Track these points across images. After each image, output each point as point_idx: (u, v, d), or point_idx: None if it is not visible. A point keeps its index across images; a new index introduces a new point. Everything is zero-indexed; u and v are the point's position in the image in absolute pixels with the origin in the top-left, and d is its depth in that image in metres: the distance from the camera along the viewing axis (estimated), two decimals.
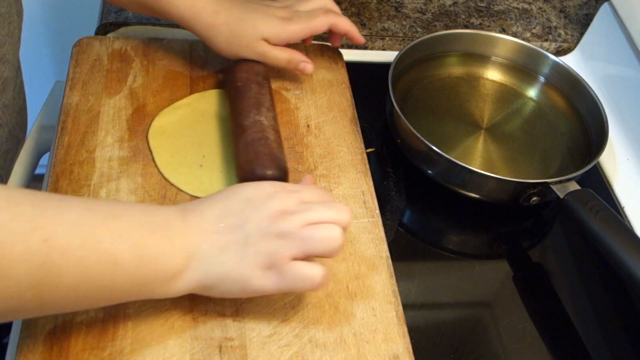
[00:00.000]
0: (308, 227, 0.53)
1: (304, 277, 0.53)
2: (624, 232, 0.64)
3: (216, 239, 0.52)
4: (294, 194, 0.55)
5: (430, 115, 0.80)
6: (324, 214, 0.54)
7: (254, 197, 0.54)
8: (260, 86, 0.71)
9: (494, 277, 0.71)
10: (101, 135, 0.69)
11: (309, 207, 0.54)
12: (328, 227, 0.53)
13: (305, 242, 0.52)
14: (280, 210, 0.53)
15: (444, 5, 0.98)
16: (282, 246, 0.52)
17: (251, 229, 0.52)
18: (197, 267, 0.51)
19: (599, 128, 0.77)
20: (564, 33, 0.98)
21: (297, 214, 0.53)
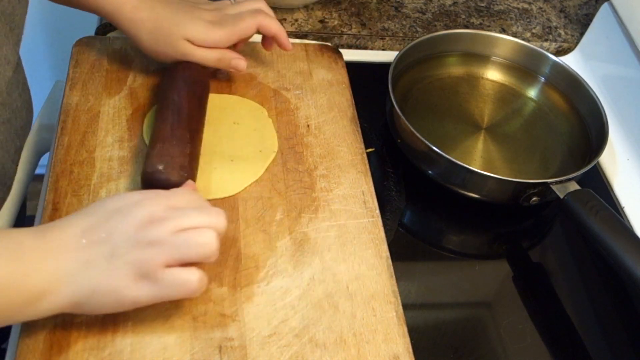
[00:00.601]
0: (179, 233, 0.51)
1: (179, 283, 0.51)
2: (624, 232, 0.64)
3: (79, 255, 0.50)
4: (162, 199, 0.53)
5: (430, 115, 0.80)
6: (195, 219, 0.52)
7: (119, 207, 0.52)
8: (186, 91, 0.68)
9: (494, 277, 0.71)
10: (101, 135, 0.69)
11: (179, 212, 0.52)
12: (201, 232, 0.52)
13: (177, 249, 0.51)
14: (147, 217, 0.51)
15: (444, 5, 0.98)
16: (152, 254, 0.50)
17: (118, 240, 0.51)
18: (63, 287, 0.50)
19: (599, 128, 0.77)
20: (564, 33, 0.98)
21: (167, 220, 0.51)
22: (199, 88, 0.70)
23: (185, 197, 0.55)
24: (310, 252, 0.62)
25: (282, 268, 0.61)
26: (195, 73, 0.70)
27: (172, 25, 0.69)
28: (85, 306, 0.51)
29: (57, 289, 0.50)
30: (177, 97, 0.67)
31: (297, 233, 0.64)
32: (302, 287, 0.60)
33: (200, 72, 0.71)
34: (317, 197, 0.67)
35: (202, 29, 0.69)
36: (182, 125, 0.64)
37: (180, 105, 0.66)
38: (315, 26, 0.90)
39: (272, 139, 0.71)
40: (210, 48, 0.70)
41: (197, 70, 0.70)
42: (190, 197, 0.56)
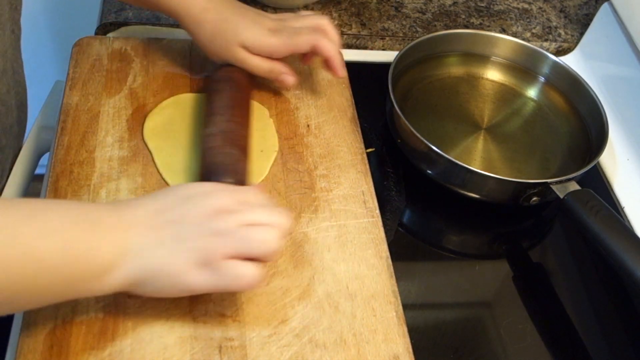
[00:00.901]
0: (245, 228, 0.52)
1: (236, 275, 0.52)
2: (624, 232, 0.64)
3: (151, 233, 0.51)
4: (235, 194, 0.55)
5: (430, 115, 0.80)
6: (263, 216, 0.53)
7: (193, 194, 0.54)
8: (236, 91, 0.70)
9: (494, 277, 0.71)
10: (101, 135, 0.69)
11: (248, 208, 0.54)
12: (265, 230, 0.53)
13: (241, 242, 0.52)
14: (218, 208, 0.53)
15: (444, 5, 0.98)
16: (217, 244, 0.51)
17: (188, 225, 0.52)
18: (129, 262, 0.50)
19: (599, 128, 0.77)
20: (564, 33, 0.98)
21: (236, 214, 0.53)
22: (244, 90, 0.71)
23: (255, 195, 0.56)
24: (310, 252, 0.62)
25: (282, 268, 0.61)
26: (238, 75, 0.71)
27: (232, 29, 0.69)
28: (143, 286, 0.52)
29: (124, 263, 0.50)
30: (226, 100, 0.68)
31: (297, 233, 0.64)
32: (302, 287, 0.60)
33: (242, 75, 0.72)
34: (317, 197, 0.67)
35: (259, 34, 0.70)
36: (237, 130, 0.66)
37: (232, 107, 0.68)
38: None
39: (273, 139, 0.71)
40: (264, 57, 0.71)
41: (239, 73, 0.71)
42: (259, 196, 0.57)
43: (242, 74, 0.72)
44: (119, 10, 0.87)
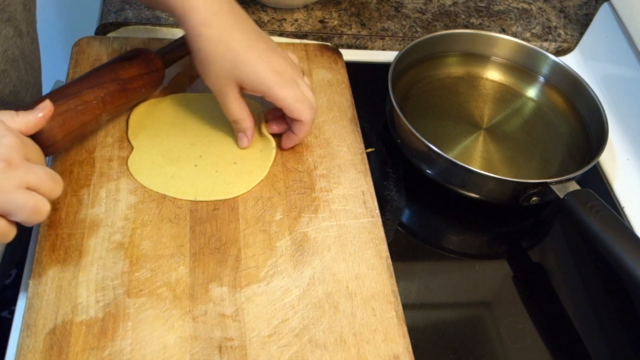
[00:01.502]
0: (22, 192, 0.51)
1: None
2: (624, 232, 0.64)
3: None
4: (20, 146, 0.52)
5: (430, 115, 0.80)
6: (44, 182, 0.52)
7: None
8: None
9: (494, 277, 0.71)
10: (101, 135, 0.69)
11: (31, 168, 0.52)
12: (40, 201, 0.52)
13: (14, 206, 0.51)
14: (2, 159, 0.50)
15: (444, 5, 0.98)
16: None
17: None
18: None
19: (599, 128, 0.77)
20: (564, 33, 0.98)
21: (19, 172, 0.51)
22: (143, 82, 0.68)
23: (39, 153, 0.55)
24: (310, 252, 0.62)
25: (282, 268, 0.61)
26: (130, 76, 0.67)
27: (235, 62, 0.63)
28: None
29: None
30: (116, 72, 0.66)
31: (297, 233, 0.64)
32: (302, 287, 0.60)
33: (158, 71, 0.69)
34: (317, 197, 0.67)
35: (264, 78, 0.63)
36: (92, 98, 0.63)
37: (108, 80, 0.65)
38: (315, 26, 0.90)
39: (268, 136, 0.71)
40: (245, 105, 0.66)
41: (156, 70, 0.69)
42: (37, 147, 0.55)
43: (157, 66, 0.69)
44: (119, 10, 0.87)
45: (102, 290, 0.57)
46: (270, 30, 0.88)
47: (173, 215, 0.63)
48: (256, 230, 0.63)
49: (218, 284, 0.59)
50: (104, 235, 0.61)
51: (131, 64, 0.67)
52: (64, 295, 0.56)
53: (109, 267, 0.58)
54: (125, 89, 0.66)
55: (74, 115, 0.62)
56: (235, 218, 0.64)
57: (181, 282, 0.59)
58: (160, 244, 0.61)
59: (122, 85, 0.66)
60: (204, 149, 0.69)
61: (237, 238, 0.63)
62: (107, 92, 0.65)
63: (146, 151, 0.68)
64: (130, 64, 0.67)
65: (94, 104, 0.63)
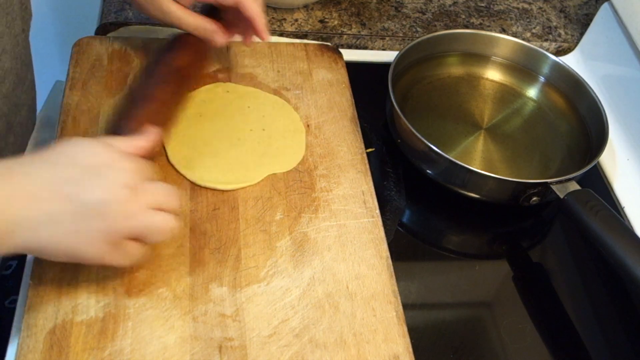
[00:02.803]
0: (149, 213, 0.52)
1: (127, 255, 0.53)
2: (624, 232, 0.64)
3: (42, 206, 0.49)
4: (133, 166, 0.53)
5: (430, 115, 0.80)
6: (164, 199, 0.54)
7: (91, 165, 0.51)
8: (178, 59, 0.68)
9: (494, 277, 0.71)
10: (101, 135, 0.69)
11: (153, 188, 0.53)
12: (166, 218, 0.53)
13: (143, 227, 0.52)
14: (126, 185, 0.51)
15: (444, 5, 0.98)
16: (120, 227, 0.51)
17: (87, 202, 0.50)
18: (21, 233, 0.49)
19: (599, 128, 0.77)
20: (564, 33, 0.98)
21: (144, 195, 0.52)
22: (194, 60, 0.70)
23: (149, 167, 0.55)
24: (310, 252, 0.62)
25: (282, 268, 0.61)
26: (195, 47, 0.69)
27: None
28: (44, 255, 0.52)
29: (16, 234, 0.49)
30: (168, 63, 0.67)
31: (297, 233, 0.64)
32: (302, 287, 0.60)
33: (201, 46, 0.70)
34: (317, 197, 0.67)
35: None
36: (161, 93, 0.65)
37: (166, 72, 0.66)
38: (315, 26, 0.90)
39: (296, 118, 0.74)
40: (192, 12, 0.67)
41: (198, 45, 0.70)
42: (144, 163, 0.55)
43: (197, 42, 0.70)
44: (119, 10, 0.87)
45: (102, 290, 0.57)
46: (271, 30, 0.88)
47: None
48: (256, 230, 0.63)
49: (218, 284, 0.59)
50: None
51: (180, 53, 0.69)
52: (64, 295, 0.56)
53: (109, 267, 0.58)
54: (187, 75, 0.68)
55: (157, 117, 0.63)
56: (235, 218, 0.64)
57: (181, 282, 0.59)
58: (160, 243, 0.61)
59: (182, 73, 0.68)
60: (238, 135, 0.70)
61: (237, 238, 0.63)
62: (172, 84, 0.66)
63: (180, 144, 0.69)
64: (179, 53, 0.69)
65: (167, 99, 0.65)
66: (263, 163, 0.69)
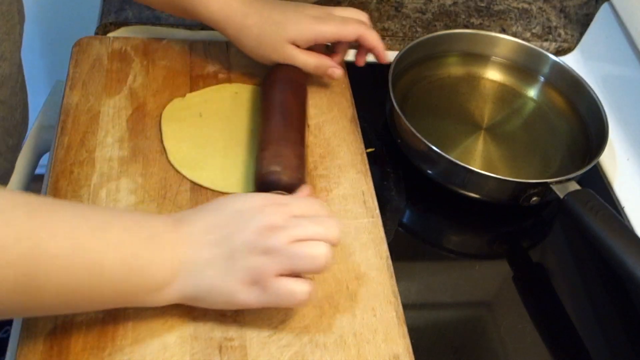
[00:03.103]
0: (294, 245, 0.52)
1: (288, 293, 0.53)
2: (624, 232, 0.64)
3: (203, 251, 0.52)
4: (284, 208, 0.54)
5: (430, 115, 0.80)
6: (311, 230, 0.53)
7: (243, 210, 0.54)
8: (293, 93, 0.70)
9: (494, 277, 0.71)
10: (101, 135, 0.69)
11: (297, 222, 0.53)
12: (314, 245, 0.53)
13: (291, 260, 0.52)
14: (268, 225, 0.52)
15: (444, 5, 0.98)
16: (266, 262, 0.52)
17: (238, 243, 0.52)
18: (182, 280, 0.52)
19: (599, 128, 0.77)
20: (564, 33, 0.98)
21: (285, 230, 0.52)
22: (301, 90, 0.72)
23: (305, 205, 0.56)
24: None
25: None
26: (296, 75, 0.72)
27: (277, 28, 0.70)
28: (199, 301, 0.54)
29: (178, 280, 0.52)
30: (283, 99, 0.69)
31: None
32: None
33: (299, 75, 0.72)
34: (317, 197, 0.67)
35: (305, 23, 0.70)
36: (292, 127, 0.67)
37: (287, 107, 0.68)
38: None
39: None
40: (312, 53, 0.72)
41: (296, 73, 0.72)
42: (309, 205, 0.56)
43: (299, 73, 0.72)
44: (119, 10, 0.87)
45: None
46: None
47: None
48: None
49: None
50: None
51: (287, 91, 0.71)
52: None
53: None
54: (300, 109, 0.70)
55: (301, 158, 0.65)
56: None
57: None
58: None
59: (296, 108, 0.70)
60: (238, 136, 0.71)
61: None
62: (295, 120, 0.68)
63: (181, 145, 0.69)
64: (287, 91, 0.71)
65: (299, 136, 0.67)
66: None
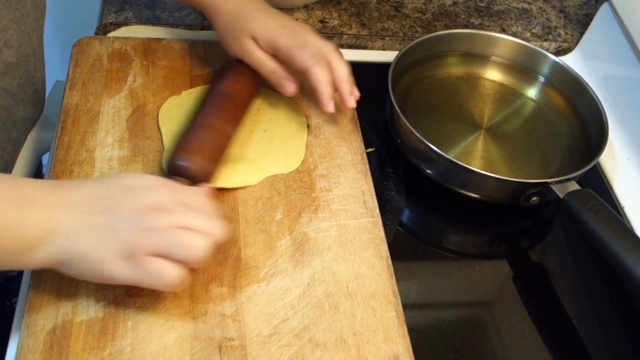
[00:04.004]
0: (176, 230, 0.52)
1: (157, 273, 0.52)
2: (624, 232, 0.64)
3: (82, 218, 0.52)
4: (176, 194, 0.55)
5: (430, 115, 0.80)
6: (196, 221, 0.53)
7: (133, 186, 0.54)
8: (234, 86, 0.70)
9: (494, 277, 0.71)
10: (101, 135, 0.69)
11: (184, 210, 0.53)
12: (195, 236, 0.52)
13: (169, 243, 0.52)
14: (154, 204, 0.53)
15: (444, 5, 0.98)
16: (144, 239, 0.52)
17: (121, 215, 0.52)
18: (55, 243, 0.51)
19: (599, 128, 0.77)
20: (564, 33, 0.98)
21: (170, 213, 0.53)
22: (249, 83, 0.71)
23: (196, 198, 0.56)
24: (310, 252, 0.62)
25: (282, 268, 0.61)
26: (247, 71, 0.71)
27: (245, 20, 0.69)
28: (67, 267, 0.53)
29: (50, 243, 0.51)
30: (224, 89, 0.69)
31: (297, 233, 0.64)
32: (302, 287, 0.60)
33: (251, 72, 0.72)
34: (317, 197, 0.67)
35: (270, 28, 0.69)
36: (222, 117, 0.67)
37: (226, 97, 0.68)
38: (315, 26, 0.90)
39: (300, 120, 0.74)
40: (271, 55, 0.70)
41: (248, 69, 0.71)
42: (200, 200, 0.56)
43: (251, 70, 0.72)
44: (119, 10, 0.87)
45: (102, 290, 0.57)
46: None
47: None
48: (256, 230, 0.63)
49: (218, 284, 0.59)
50: None
51: (232, 79, 0.70)
52: (64, 295, 0.56)
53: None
54: (235, 101, 0.69)
55: (213, 147, 0.65)
56: (235, 218, 0.64)
57: None
58: None
59: (232, 100, 0.69)
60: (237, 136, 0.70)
61: (237, 238, 0.63)
62: (224, 111, 0.68)
63: None
64: (231, 80, 0.70)
65: (220, 128, 0.66)
66: (262, 165, 0.69)
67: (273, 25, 0.69)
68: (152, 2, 0.88)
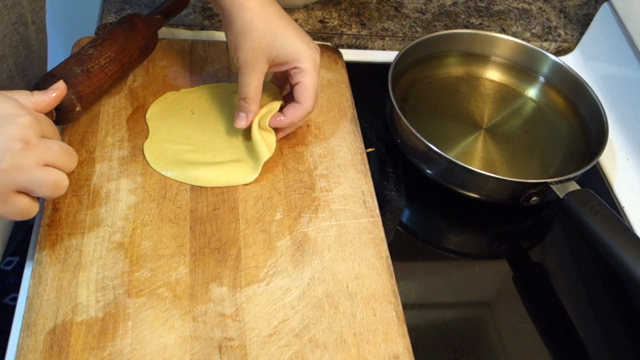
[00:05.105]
0: (42, 169, 0.53)
1: (21, 210, 0.54)
2: (624, 232, 0.64)
3: None
4: (36, 125, 0.54)
5: (430, 115, 0.80)
6: (60, 158, 0.55)
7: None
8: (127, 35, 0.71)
9: (494, 277, 0.71)
10: (101, 135, 0.69)
11: (47, 145, 0.54)
12: (59, 176, 0.54)
13: (34, 183, 0.53)
14: (20, 138, 0.52)
15: (444, 5, 0.98)
16: (9, 178, 0.52)
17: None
18: None
19: (599, 128, 0.77)
20: (564, 33, 0.98)
21: (35, 150, 0.53)
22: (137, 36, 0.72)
23: (52, 128, 0.57)
24: (310, 252, 0.62)
25: (282, 268, 0.61)
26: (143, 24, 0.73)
27: (271, 35, 0.65)
28: None
29: None
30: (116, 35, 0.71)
31: (297, 233, 0.64)
32: (302, 287, 0.60)
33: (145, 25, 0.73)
34: (317, 197, 0.67)
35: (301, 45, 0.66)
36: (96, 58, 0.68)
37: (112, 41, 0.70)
38: (315, 26, 0.90)
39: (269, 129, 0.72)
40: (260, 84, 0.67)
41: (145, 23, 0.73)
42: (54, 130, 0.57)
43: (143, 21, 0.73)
44: (119, 10, 0.87)
45: (102, 290, 0.57)
46: None
47: (173, 215, 0.63)
48: (256, 230, 0.63)
49: (218, 284, 0.59)
50: (104, 235, 0.61)
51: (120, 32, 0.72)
52: (64, 295, 0.56)
53: (109, 267, 0.59)
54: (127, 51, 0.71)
55: (86, 81, 0.66)
56: (235, 218, 0.64)
57: (181, 282, 0.59)
58: (160, 243, 0.61)
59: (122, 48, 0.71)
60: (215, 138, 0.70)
61: (237, 238, 0.63)
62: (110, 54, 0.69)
63: (161, 139, 0.69)
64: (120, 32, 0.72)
65: (102, 66, 0.68)
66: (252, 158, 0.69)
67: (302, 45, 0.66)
68: (152, 2, 0.88)
